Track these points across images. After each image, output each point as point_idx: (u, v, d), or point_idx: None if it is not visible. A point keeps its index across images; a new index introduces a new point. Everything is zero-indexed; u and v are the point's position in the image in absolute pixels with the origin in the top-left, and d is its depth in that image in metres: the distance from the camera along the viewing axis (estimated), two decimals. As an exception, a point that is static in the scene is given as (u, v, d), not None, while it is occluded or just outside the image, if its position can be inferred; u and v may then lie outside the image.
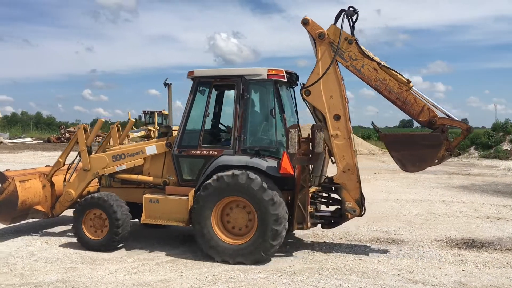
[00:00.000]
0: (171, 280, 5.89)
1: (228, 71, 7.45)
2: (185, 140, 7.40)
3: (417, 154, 6.95)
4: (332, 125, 7.08)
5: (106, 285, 5.69)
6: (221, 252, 6.72)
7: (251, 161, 6.84)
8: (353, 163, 7.09)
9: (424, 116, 6.95)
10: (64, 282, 5.77)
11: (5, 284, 5.64)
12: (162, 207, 7.18)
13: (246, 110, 7.14)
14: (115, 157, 7.86)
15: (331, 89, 7.07)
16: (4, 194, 7.63)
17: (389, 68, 7.00)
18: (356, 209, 7.10)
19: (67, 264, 6.52)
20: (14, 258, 6.77)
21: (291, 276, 6.07)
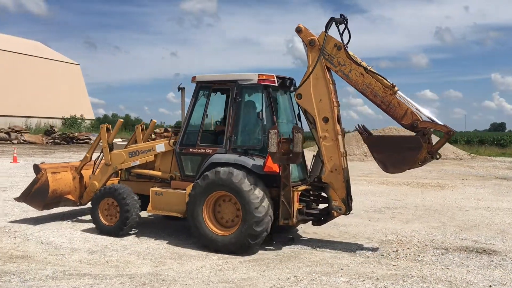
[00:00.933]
0: (254, 279, 6.03)
1: (224, 77, 8.04)
2: (186, 139, 8.10)
3: (398, 156, 7.16)
4: (321, 127, 7.48)
5: (193, 280, 5.95)
6: (212, 242, 7.34)
7: (239, 159, 7.45)
8: (339, 164, 7.44)
9: (407, 119, 7.14)
10: (154, 275, 6.12)
11: (103, 275, 6.08)
12: (165, 199, 8.00)
13: (238, 112, 7.74)
14: (131, 154, 8.75)
15: (321, 93, 7.46)
16: (38, 184, 8.75)
17: (375, 73, 7.29)
18: (342, 207, 7.49)
19: (157, 259, 6.90)
20: (110, 250, 7.28)
21: (374, 281, 5.98)
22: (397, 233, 8.83)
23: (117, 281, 5.82)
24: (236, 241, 7.18)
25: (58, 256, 6.90)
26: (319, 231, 8.95)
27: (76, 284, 5.67)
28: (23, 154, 26.44)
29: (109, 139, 9.04)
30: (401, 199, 13.37)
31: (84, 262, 6.69)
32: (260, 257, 7.07)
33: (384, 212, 11.16)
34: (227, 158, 7.53)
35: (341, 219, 10.17)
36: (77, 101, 62.79)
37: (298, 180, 8.02)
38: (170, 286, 5.70)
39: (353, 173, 21.31)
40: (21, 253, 7.02)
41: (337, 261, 6.93)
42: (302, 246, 7.81)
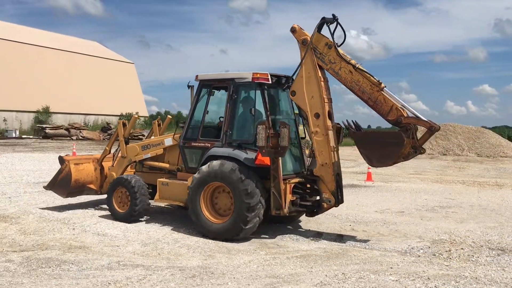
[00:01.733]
0: (301, 275, 6.05)
1: (223, 75, 8.49)
2: (189, 133, 8.64)
3: (382, 151, 7.41)
4: (312, 123, 7.80)
5: (241, 274, 6.05)
6: (209, 230, 7.87)
7: (233, 152, 7.90)
8: (329, 158, 7.74)
9: (392, 115, 7.37)
10: (204, 268, 6.27)
11: (155, 266, 6.30)
12: (170, 189, 8.65)
13: (234, 109, 8.21)
14: (143, 147, 9.44)
15: (312, 90, 7.77)
16: (62, 174, 9.66)
17: (363, 71, 7.57)
18: (332, 199, 7.79)
19: (207, 252, 7.06)
20: (161, 243, 7.51)
21: (425, 281, 5.84)
22: (451, 232, 8.57)
23: (168, 272, 6.01)
24: (229, 228, 7.68)
25: (113, 247, 7.20)
26: (368, 229, 8.84)
27: (130, 274, 5.90)
28: (82, 150, 27.68)
29: (125, 133, 9.81)
30: (455, 198, 12.94)
31: (137, 253, 6.94)
32: (307, 253, 7.08)
33: (437, 211, 10.85)
34: (222, 151, 8.00)
35: (392, 217, 10.02)
36: (131, 98, 64.84)
37: (292, 173, 8.33)
38: (219, 279, 5.82)
39: (405, 171, 20.90)
40: (79, 243, 7.37)
41: (386, 259, 6.82)
42: (350, 244, 7.75)
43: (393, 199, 12.61)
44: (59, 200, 10.82)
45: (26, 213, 9.33)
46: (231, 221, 7.69)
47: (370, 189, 14.41)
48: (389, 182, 16.43)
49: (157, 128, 9.84)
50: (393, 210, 10.94)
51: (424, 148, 7.44)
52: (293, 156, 8.59)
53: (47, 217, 9.03)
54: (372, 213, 10.50)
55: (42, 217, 9.01)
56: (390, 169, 22.19)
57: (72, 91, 56.90)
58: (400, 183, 16.17)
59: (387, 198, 12.68)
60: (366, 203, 11.78)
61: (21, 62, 54.74)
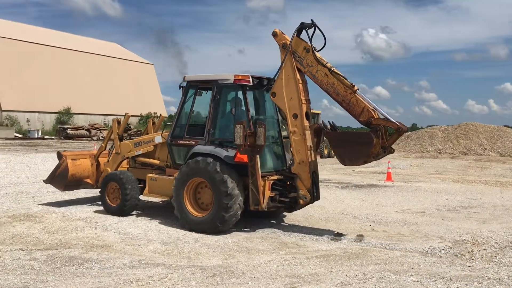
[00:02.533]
0: (321, 275, 6.05)
1: (208, 76, 8.82)
2: (176, 132, 9.04)
3: (353, 151, 7.74)
4: (291, 123, 8.15)
5: (261, 273, 6.07)
6: (189, 222, 8.29)
7: (214, 150, 8.29)
8: (306, 157, 8.08)
9: (364, 116, 7.68)
10: (224, 267, 6.30)
11: (175, 265, 6.36)
12: (158, 184, 9.10)
13: (216, 109, 8.61)
14: (135, 144, 9.87)
15: (291, 91, 8.12)
16: (60, 168, 10.15)
17: (338, 74, 7.90)
18: (308, 196, 8.15)
19: (227, 252, 7.10)
20: (182, 242, 7.58)
21: (447, 282, 5.78)
22: (473, 233, 8.45)
23: (189, 271, 6.06)
24: (209, 221, 8.07)
25: (135, 246, 7.29)
26: (389, 229, 8.78)
27: (151, 273, 5.97)
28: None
29: (119, 131, 10.23)
30: (477, 198, 12.76)
31: (158, 252, 7.02)
32: (327, 253, 7.06)
33: (458, 211, 10.71)
34: (205, 149, 8.40)
35: (413, 217, 9.93)
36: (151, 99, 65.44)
37: (272, 170, 8.67)
38: (239, 278, 5.85)
39: (425, 171, 20.66)
40: (101, 242, 7.49)
41: (408, 260, 6.77)
42: (370, 244, 7.70)
43: (414, 199, 12.49)
44: (81, 199, 11.00)
45: (49, 212, 9.50)
46: (211, 214, 8.10)
47: (390, 189, 14.30)
48: (409, 182, 16.27)
49: (152, 126, 10.37)
50: (414, 210, 10.84)
51: (393, 148, 7.73)
52: (274, 154, 8.98)
53: (69, 216, 9.18)
54: (392, 213, 10.42)
55: (65, 216, 9.17)
56: (411, 169, 22.01)
57: (92, 92, 57.74)
58: (421, 183, 16.00)
59: (407, 198, 12.56)
60: (386, 203, 11.69)
61: (43, 63, 55.74)
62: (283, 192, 8.44)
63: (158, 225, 8.67)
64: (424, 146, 35.45)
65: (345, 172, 20.28)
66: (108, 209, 9.47)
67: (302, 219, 9.61)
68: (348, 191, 13.90)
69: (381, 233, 8.54)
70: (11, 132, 45.86)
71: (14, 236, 7.66)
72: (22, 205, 10.22)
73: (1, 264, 6.19)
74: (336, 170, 21.02)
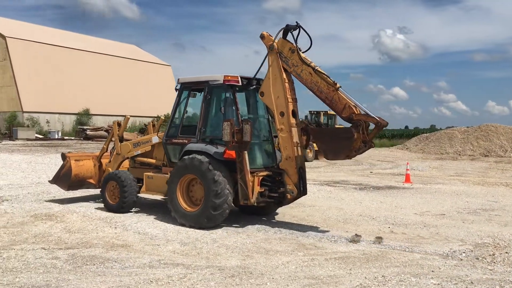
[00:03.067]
0: (340, 276, 6.02)
1: (200, 78, 9.22)
2: (171, 131, 9.44)
3: (335, 145, 8.05)
4: (278, 121, 8.52)
5: (280, 274, 6.07)
6: (181, 216, 8.67)
7: (205, 147, 8.68)
8: (292, 153, 8.42)
9: (346, 112, 7.97)
10: (243, 268, 6.32)
11: (194, 265, 6.40)
12: (154, 182, 9.55)
13: (207, 108, 9.05)
14: (134, 144, 10.28)
15: (278, 91, 8.49)
16: (64, 169, 10.64)
17: (321, 72, 8.20)
18: (294, 191, 8.47)
19: (245, 252, 7.12)
20: (200, 243, 7.62)
21: (468, 285, 5.71)
22: (494, 236, 8.33)
23: (208, 272, 6.10)
24: (200, 215, 8.43)
25: (154, 246, 7.36)
26: (408, 232, 8.71)
27: (170, 273, 6.02)
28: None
29: (120, 133, 10.67)
30: (499, 200, 12.56)
31: (177, 252, 7.07)
32: (346, 255, 7.03)
33: (479, 214, 10.55)
34: (196, 146, 8.79)
35: (433, 220, 9.82)
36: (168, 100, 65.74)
37: (261, 166, 9.05)
38: (258, 279, 5.87)
39: (445, 173, 20.41)
40: (121, 242, 7.57)
41: (428, 262, 6.70)
42: (389, 246, 7.65)
43: (433, 201, 12.35)
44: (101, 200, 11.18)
45: (70, 212, 9.64)
46: (202, 208, 8.44)
47: (408, 191, 14.16)
48: (428, 184, 16.09)
49: (152, 128, 10.76)
50: (433, 212, 10.72)
51: (373, 142, 8.17)
52: (264, 152, 9.33)
53: (90, 216, 9.31)
54: (411, 215, 10.32)
55: (86, 216, 9.30)
56: (430, 171, 21.76)
57: (111, 93, 58.38)
58: (440, 185, 15.81)
59: (426, 200, 12.43)
60: (405, 205, 11.59)
61: (63, 65, 56.56)
62: (272, 188, 8.72)
63: (176, 225, 8.73)
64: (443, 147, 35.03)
65: (363, 173, 20.15)
66: (108, 207, 9.91)
67: (320, 220, 9.58)
68: (366, 192, 13.81)
69: (400, 235, 8.47)
70: (32, 133, 46.61)
71: (36, 235, 7.80)
72: (44, 205, 10.39)
73: (24, 263, 6.31)
74: (354, 172, 20.90)
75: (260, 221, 9.36)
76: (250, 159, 8.52)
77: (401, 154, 37.74)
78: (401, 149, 42.69)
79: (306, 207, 11.09)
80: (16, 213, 9.49)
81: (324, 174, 19.47)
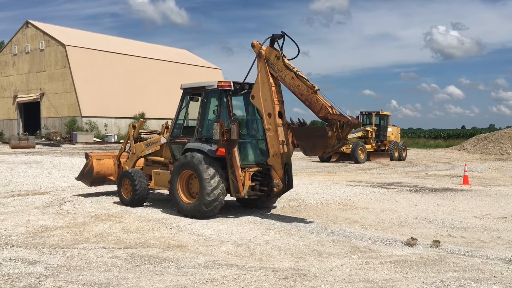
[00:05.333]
0: (396, 280, 5.89)
1: (198, 84, 10.30)
2: (174, 132, 10.45)
3: (312, 143, 8.81)
4: (266, 121, 9.36)
5: (334, 277, 6.02)
6: (180, 208, 9.63)
7: (201, 146, 9.59)
8: (278, 150, 9.24)
9: (322, 112, 8.69)
10: (296, 269, 6.32)
11: (248, 266, 6.46)
12: (160, 177, 10.53)
13: (204, 111, 9.94)
14: (147, 145, 11.27)
15: (266, 94, 9.35)
16: (87, 167, 11.91)
17: (302, 77, 8.99)
18: (280, 184, 9.30)
19: (298, 254, 7.11)
20: (253, 244, 7.68)
21: (534, 292, 5.43)
22: (562, 241, 7.87)
23: (261, 273, 6.14)
24: (196, 205, 9.30)
25: (208, 247, 7.49)
26: (467, 235, 8.40)
27: (225, 273, 6.11)
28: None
29: (135, 134, 11.65)
30: None
31: (231, 253, 7.17)
32: (402, 258, 6.87)
33: (545, 218, 10.00)
34: (193, 145, 9.72)
35: (494, 223, 9.43)
36: (219, 103, 66.56)
37: (252, 163, 9.78)
38: (312, 281, 5.84)
39: (505, 174, 19.50)
40: (176, 242, 7.76)
41: (489, 267, 6.43)
42: (448, 250, 7.40)
43: (494, 204, 11.84)
44: (157, 201, 11.48)
45: (127, 213, 9.99)
46: (196, 201, 9.32)
47: (467, 193, 13.64)
48: (488, 186, 15.44)
49: (165, 130, 11.34)
50: (494, 215, 10.28)
51: (347, 139, 8.94)
52: (256, 149, 10.02)
53: (146, 217, 9.60)
54: (470, 218, 9.94)
55: (142, 217, 9.60)
56: (490, 173, 20.88)
57: (165, 97, 59.85)
58: (501, 187, 15.13)
59: (486, 203, 11.93)
60: (463, 208, 11.18)
61: (119, 71, 58.64)
62: (263, 182, 9.49)
63: (230, 226, 8.85)
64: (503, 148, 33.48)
65: (417, 175, 19.61)
66: (123, 202, 10.85)
67: (373, 223, 9.42)
68: (421, 194, 13.43)
69: (459, 239, 8.18)
70: (91, 136, 48.65)
71: (97, 235, 8.14)
72: (103, 206, 10.83)
73: (87, 261, 6.60)
74: (408, 173, 20.39)
75: (312, 223, 9.32)
76: (243, 156, 9.54)
77: (458, 155, 36.42)
78: (458, 150, 41.18)
79: (359, 209, 10.94)
80: (77, 213, 9.94)
81: (377, 176, 19.10)
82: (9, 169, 18.72)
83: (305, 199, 12.11)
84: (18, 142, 37.14)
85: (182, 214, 9.55)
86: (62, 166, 20.66)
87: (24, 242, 7.61)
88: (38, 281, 5.67)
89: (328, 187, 14.68)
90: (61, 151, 33.74)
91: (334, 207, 11.25)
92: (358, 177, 18.38)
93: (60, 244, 7.49)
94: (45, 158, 25.27)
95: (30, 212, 10.00)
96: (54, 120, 56.80)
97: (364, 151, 26.74)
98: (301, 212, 10.46)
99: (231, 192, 9.43)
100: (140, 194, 10.59)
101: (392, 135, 29.83)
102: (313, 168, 22.78)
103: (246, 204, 10.67)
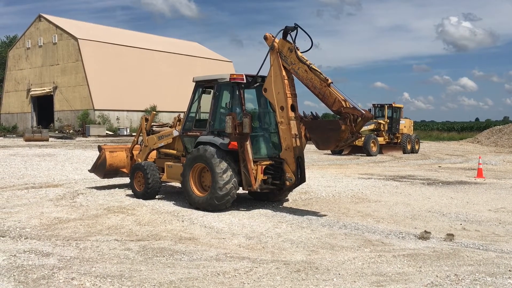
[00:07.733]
0: (409, 274, 5.84)
1: (211, 77, 10.18)
2: (186, 125, 10.40)
3: (325, 136, 8.74)
4: (279, 114, 9.31)
5: (346, 270, 5.98)
6: (192, 201, 9.59)
7: (212, 139, 9.52)
8: (291, 144, 9.20)
9: (335, 106, 8.61)
10: (308, 263, 6.29)
11: (260, 259, 6.45)
12: (173, 170, 10.52)
13: (216, 104, 9.84)
14: (159, 137, 11.26)
15: (278, 87, 9.27)
16: (100, 159, 11.95)
17: (315, 70, 8.89)
18: (292, 178, 9.27)
19: (310, 248, 7.08)
20: (265, 237, 7.67)
21: (550, 287, 5.34)
22: None
23: (273, 266, 6.12)
24: (209, 198, 9.25)
25: (220, 240, 7.50)
26: (482, 229, 8.30)
27: (237, 266, 6.11)
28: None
29: (147, 127, 11.68)
30: None
31: (242, 246, 7.16)
32: (415, 252, 6.81)
33: (561, 211, 9.85)
34: (206, 138, 9.66)
35: (509, 217, 9.32)
36: (231, 96, 66.59)
37: (265, 156, 9.73)
38: (324, 274, 5.82)
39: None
40: (188, 235, 7.78)
41: (504, 261, 6.35)
42: (462, 244, 7.31)
43: (509, 197, 11.69)
44: (169, 193, 11.51)
45: (140, 205, 10.03)
46: (208, 195, 9.28)
47: (481, 187, 13.49)
48: (503, 179, 15.26)
49: (177, 122, 11.38)
50: (509, 209, 10.14)
51: (360, 133, 8.96)
52: (269, 143, 9.96)
53: (158, 210, 9.63)
54: (485, 211, 9.82)
55: (154, 210, 9.64)
56: (505, 165, 20.61)
57: (176, 90, 60.00)
58: (516, 180, 14.92)
59: (501, 196, 11.78)
60: (477, 201, 11.05)
61: (130, 64, 58.85)
62: (275, 176, 9.46)
63: (241, 219, 8.85)
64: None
65: (431, 168, 19.44)
66: (136, 194, 10.88)
67: (386, 216, 9.35)
68: (435, 188, 13.31)
69: (473, 232, 8.08)
70: (103, 129, 48.98)
71: (109, 227, 8.18)
72: (115, 198, 10.88)
73: (99, 253, 6.64)
74: (421, 166, 20.22)
75: (324, 216, 9.28)
76: (255, 149, 9.47)
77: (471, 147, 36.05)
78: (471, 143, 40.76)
79: (371, 202, 10.86)
80: (90, 206, 10.01)
81: (389, 169, 18.97)
82: (23, 162, 18.93)
83: (317, 192, 12.06)
84: (32, 135, 37.54)
85: (194, 207, 9.55)
86: (75, 158, 20.83)
87: (37, 234, 7.69)
88: (52, 273, 5.72)
89: (340, 180, 14.61)
90: (74, 144, 34.04)
91: (346, 200, 11.19)
92: (370, 170, 18.27)
93: (73, 236, 7.55)
94: (59, 151, 25.51)
95: (44, 205, 10.09)
96: (67, 113, 57.28)
97: (377, 144, 26.55)
98: (312, 205, 10.42)
99: (243, 185, 9.39)
100: (153, 186, 10.61)
101: (404, 127, 29.57)
102: (325, 161, 22.69)
103: (257, 197, 10.65)
